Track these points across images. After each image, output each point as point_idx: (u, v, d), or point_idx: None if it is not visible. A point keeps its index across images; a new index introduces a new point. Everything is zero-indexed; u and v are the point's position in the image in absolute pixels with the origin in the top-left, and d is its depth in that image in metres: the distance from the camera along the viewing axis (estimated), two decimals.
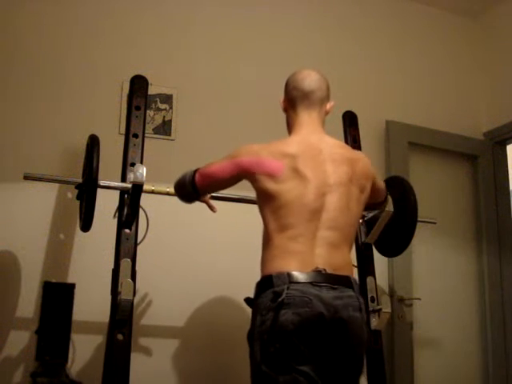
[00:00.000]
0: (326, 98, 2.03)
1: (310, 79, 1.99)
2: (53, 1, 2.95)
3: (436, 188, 3.50)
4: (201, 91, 3.11)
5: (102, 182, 2.24)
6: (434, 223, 2.91)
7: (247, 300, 1.81)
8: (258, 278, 1.83)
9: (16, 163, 2.68)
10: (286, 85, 2.03)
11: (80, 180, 2.30)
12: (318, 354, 1.66)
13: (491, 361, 3.41)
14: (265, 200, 1.84)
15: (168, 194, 2.37)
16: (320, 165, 1.85)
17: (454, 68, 3.79)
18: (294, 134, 1.96)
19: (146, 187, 2.28)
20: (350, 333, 1.70)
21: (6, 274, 2.61)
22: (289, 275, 1.68)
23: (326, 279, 1.69)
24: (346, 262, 1.82)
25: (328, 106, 2.04)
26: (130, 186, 2.25)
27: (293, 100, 1.99)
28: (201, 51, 3.17)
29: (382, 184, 2.21)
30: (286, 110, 2.03)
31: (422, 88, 3.65)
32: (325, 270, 1.70)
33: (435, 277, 3.40)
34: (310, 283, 1.67)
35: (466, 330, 3.45)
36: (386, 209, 2.56)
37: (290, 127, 2.01)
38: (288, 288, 1.65)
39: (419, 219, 2.59)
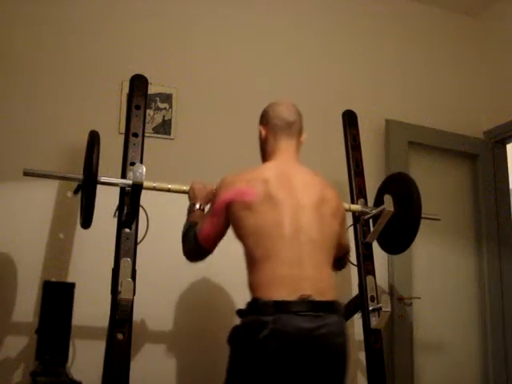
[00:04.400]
0: (302, 129, 2.12)
1: (290, 111, 2.08)
2: (53, 0, 2.95)
3: (436, 187, 3.50)
4: (200, 90, 3.11)
5: (102, 179, 2.24)
6: (438, 220, 2.89)
7: (239, 311, 1.86)
8: None
9: (16, 162, 2.67)
10: (267, 113, 2.10)
11: (81, 176, 2.29)
12: (298, 381, 1.73)
13: (491, 360, 3.41)
14: (242, 226, 1.88)
15: (169, 190, 2.36)
16: (292, 189, 1.91)
17: (453, 67, 3.79)
18: (270, 161, 2.04)
19: (147, 184, 2.28)
20: (332, 360, 1.77)
21: (6, 274, 2.61)
22: (275, 304, 1.73)
23: (311, 308, 1.74)
24: (331, 283, 1.87)
25: (302, 138, 2.12)
26: (130, 182, 2.25)
27: (274, 128, 2.06)
28: (201, 50, 3.17)
29: (345, 238, 2.20)
30: (265, 137, 2.08)
31: (422, 87, 3.65)
32: (311, 295, 1.75)
33: (435, 276, 3.40)
34: (294, 313, 1.72)
35: (465, 329, 3.45)
36: (387, 208, 2.56)
37: (268, 153, 2.07)
38: (273, 318, 1.70)
39: (423, 215, 2.59)
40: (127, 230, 2.30)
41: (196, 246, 1.99)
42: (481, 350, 3.45)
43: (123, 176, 2.36)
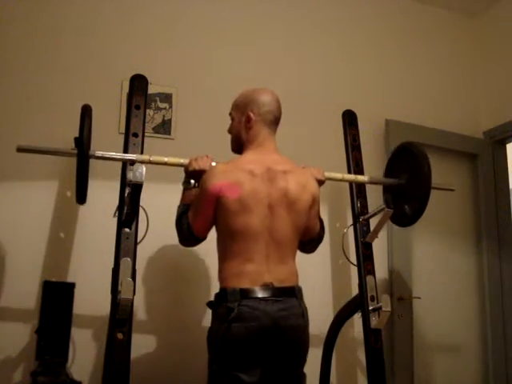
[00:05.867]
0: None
1: (278, 106, 2.16)
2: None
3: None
4: (200, 90, 3.11)
5: (97, 153, 2.19)
6: (452, 190, 2.82)
7: (209, 303, 2.04)
8: None
9: (16, 163, 2.68)
10: (258, 102, 2.13)
11: (74, 150, 2.16)
12: (264, 359, 1.92)
13: (491, 360, 3.41)
14: (222, 223, 2.02)
15: (166, 164, 2.31)
16: (272, 185, 2.02)
17: (454, 67, 3.79)
18: (253, 152, 2.11)
19: (143, 157, 2.27)
20: (293, 338, 1.95)
21: (6, 274, 2.60)
22: (241, 292, 1.92)
23: (272, 293, 1.93)
24: (292, 273, 2.05)
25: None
26: (130, 156, 2.24)
27: (264, 121, 2.12)
28: (200, 50, 3.17)
29: (315, 223, 2.22)
30: (250, 126, 2.12)
31: (422, 87, 3.65)
32: (272, 283, 1.94)
33: (435, 276, 3.40)
34: (258, 298, 1.91)
35: (466, 329, 3.45)
36: (387, 209, 2.56)
37: (250, 141, 2.13)
38: (239, 304, 1.89)
39: (434, 185, 2.54)
40: (127, 230, 2.30)
41: (190, 236, 2.09)
42: (481, 350, 3.45)
43: (123, 176, 2.36)
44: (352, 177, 2.64)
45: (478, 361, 3.44)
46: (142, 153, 2.42)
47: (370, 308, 2.62)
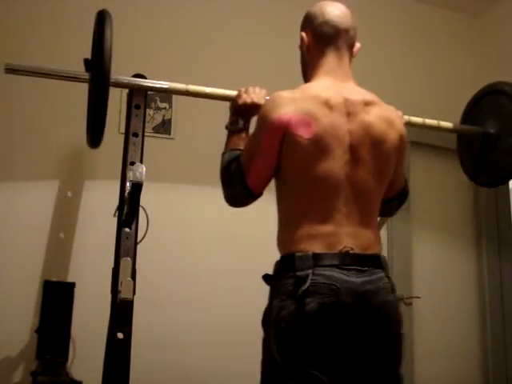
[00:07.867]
0: (356, 39, 1.76)
1: (343, 15, 1.73)
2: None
3: (437, 187, 3.50)
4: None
5: (113, 78, 1.82)
6: None
7: (266, 277, 1.60)
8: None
9: (15, 164, 2.68)
10: (313, 16, 1.73)
11: (86, 75, 1.84)
12: (346, 350, 1.47)
13: (491, 360, 3.41)
14: (288, 171, 1.57)
15: (207, 96, 2.12)
16: (345, 119, 1.59)
17: (454, 66, 3.79)
18: (323, 79, 1.68)
19: (179, 86, 2.11)
20: (384, 319, 1.51)
21: (6, 274, 2.61)
22: (314, 257, 1.47)
23: (355, 261, 1.49)
24: (376, 238, 1.61)
25: (355, 48, 1.78)
26: (158, 84, 2.15)
27: (322, 37, 1.70)
28: (201, 50, 3.17)
29: (402, 172, 1.82)
30: (308, 46, 1.74)
31: (422, 86, 3.64)
32: (353, 249, 1.50)
33: (435, 276, 3.40)
34: (337, 266, 1.47)
35: (465, 328, 3.45)
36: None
37: (314, 68, 1.72)
38: (313, 273, 1.45)
39: None
40: (127, 230, 2.29)
41: (243, 190, 1.61)
42: (481, 350, 3.45)
43: (123, 176, 2.36)
44: (435, 122, 2.20)
45: (478, 360, 3.44)
46: (142, 153, 2.42)
47: None
